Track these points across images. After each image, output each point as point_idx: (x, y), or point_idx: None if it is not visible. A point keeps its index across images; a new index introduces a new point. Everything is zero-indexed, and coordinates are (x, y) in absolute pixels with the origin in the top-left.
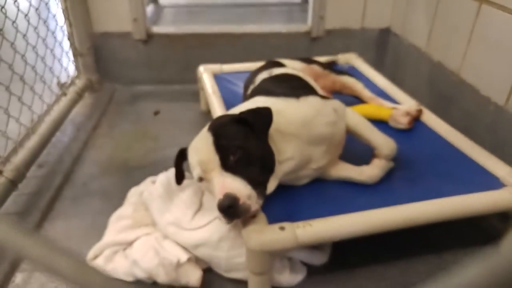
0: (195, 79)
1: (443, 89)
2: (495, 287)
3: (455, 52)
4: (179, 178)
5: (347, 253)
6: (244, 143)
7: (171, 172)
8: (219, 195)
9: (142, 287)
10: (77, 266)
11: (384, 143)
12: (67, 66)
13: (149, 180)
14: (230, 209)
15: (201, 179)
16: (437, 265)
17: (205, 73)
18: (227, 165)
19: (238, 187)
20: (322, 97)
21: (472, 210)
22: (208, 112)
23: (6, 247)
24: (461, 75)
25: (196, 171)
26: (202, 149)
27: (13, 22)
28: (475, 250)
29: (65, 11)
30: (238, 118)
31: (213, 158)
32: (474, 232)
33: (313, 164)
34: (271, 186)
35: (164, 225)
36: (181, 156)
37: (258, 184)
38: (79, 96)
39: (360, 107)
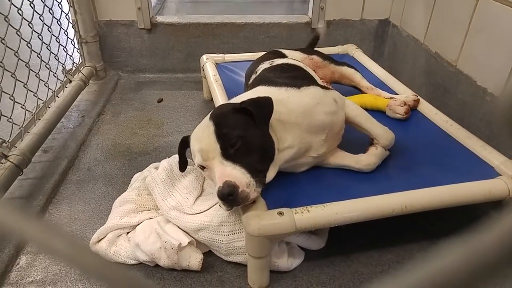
0: (198, 68)
1: (440, 80)
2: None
3: (453, 43)
4: (183, 165)
5: (344, 238)
6: (245, 132)
7: (174, 158)
8: (219, 183)
9: (144, 270)
10: (74, 249)
11: (382, 134)
12: (72, 53)
13: (152, 166)
14: (230, 197)
15: (202, 167)
16: (431, 252)
17: (208, 62)
18: (227, 154)
19: (238, 175)
20: (323, 87)
21: (467, 199)
22: (210, 101)
23: (8, 230)
24: (458, 66)
25: (197, 159)
26: (203, 137)
27: (19, 9)
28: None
29: None
30: (239, 108)
31: (214, 147)
32: (468, 220)
33: (312, 152)
34: (271, 174)
35: (166, 210)
36: (184, 144)
37: (257, 172)
38: (84, 83)
39: (358, 97)
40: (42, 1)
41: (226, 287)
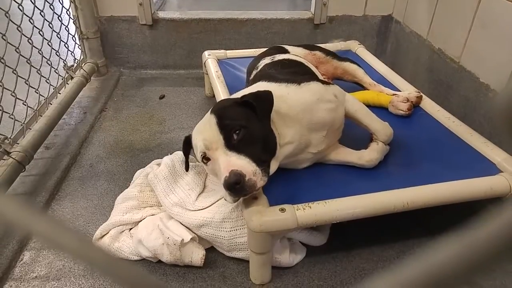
0: (199, 64)
1: (443, 76)
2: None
3: (456, 40)
4: (187, 165)
5: (345, 234)
6: (247, 123)
7: (176, 155)
8: (224, 173)
9: (147, 266)
10: (80, 243)
11: (381, 129)
12: (73, 49)
13: (154, 162)
14: (237, 186)
15: (205, 161)
16: (430, 247)
17: (210, 58)
18: (231, 144)
19: (243, 164)
20: (323, 82)
21: (469, 195)
22: (212, 97)
23: (15, 224)
24: (461, 62)
25: (200, 149)
26: (206, 130)
27: (19, 4)
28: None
29: None
30: (240, 101)
31: (217, 138)
32: (469, 216)
33: (312, 148)
34: (272, 168)
35: (169, 206)
36: (187, 143)
37: (261, 162)
38: (85, 79)
39: (361, 93)
40: None
41: (228, 282)
